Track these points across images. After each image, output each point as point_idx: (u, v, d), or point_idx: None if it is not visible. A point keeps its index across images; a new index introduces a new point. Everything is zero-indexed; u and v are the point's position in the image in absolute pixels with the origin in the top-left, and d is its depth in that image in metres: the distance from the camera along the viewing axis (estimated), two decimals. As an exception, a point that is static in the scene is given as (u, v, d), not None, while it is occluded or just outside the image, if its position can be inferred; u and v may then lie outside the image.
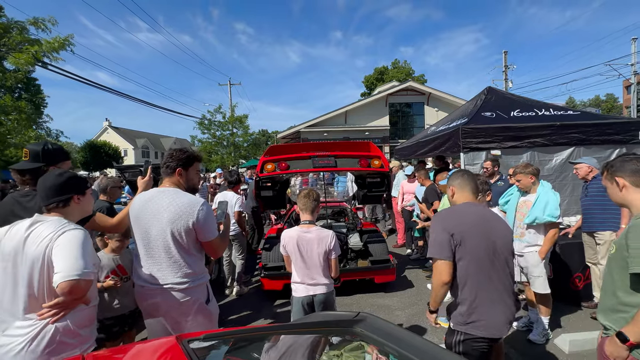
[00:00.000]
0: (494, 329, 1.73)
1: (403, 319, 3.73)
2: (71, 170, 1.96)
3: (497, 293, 1.75)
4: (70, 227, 1.39)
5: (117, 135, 43.66)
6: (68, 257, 1.30)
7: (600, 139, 5.01)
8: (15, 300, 1.36)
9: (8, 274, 1.37)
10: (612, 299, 1.45)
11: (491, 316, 1.72)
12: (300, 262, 2.38)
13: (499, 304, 1.74)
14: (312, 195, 2.46)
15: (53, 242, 1.33)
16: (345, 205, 6.35)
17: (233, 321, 3.84)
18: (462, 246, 1.71)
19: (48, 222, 1.40)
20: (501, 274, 1.77)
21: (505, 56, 21.06)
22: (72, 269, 1.28)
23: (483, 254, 1.72)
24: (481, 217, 1.81)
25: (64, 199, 1.47)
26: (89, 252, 1.38)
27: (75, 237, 1.36)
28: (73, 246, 1.33)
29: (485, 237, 1.75)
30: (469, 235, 1.72)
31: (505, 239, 1.84)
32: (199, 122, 22.32)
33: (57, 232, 1.35)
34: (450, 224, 1.76)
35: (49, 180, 1.48)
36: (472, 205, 1.87)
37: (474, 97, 6.67)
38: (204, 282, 1.93)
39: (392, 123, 20.63)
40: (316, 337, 1.57)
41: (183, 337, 1.31)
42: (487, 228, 1.78)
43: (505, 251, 1.80)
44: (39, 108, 17.16)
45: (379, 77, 41.65)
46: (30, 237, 1.36)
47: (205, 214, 1.83)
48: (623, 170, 1.50)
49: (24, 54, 6.57)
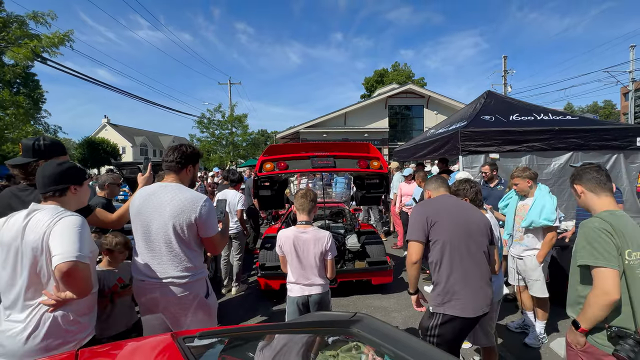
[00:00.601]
0: (469, 309, 1.82)
1: (400, 320, 3.73)
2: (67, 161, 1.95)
3: (472, 274, 1.86)
4: (67, 213, 1.40)
5: (115, 132, 43.52)
6: (66, 241, 1.31)
7: (598, 144, 5.04)
8: (17, 288, 1.38)
9: (8, 264, 1.39)
10: (574, 292, 1.66)
11: (466, 295, 1.83)
12: (296, 262, 2.38)
13: (473, 285, 1.85)
14: (309, 195, 2.45)
15: (50, 229, 1.34)
16: (343, 206, 6.35)
17: (229, 320, 3.82)
18: (435, 227, 1.88)
19: (45, 210, 1.41)
20: (477, 257, 1.90)
21: (504, 61, 21.19)
22: (69, 251, 1.29)
23: (456, 236, 1.87)
24: (455, 205, 2.02)
25: (61, 188, 1.48)
26: (86, 237, 1.40)
27: (72, 222, 1.37)
28: (71, 231, 1.34)
29: (459, 221, 1.91)
30: (442, 217, 1.90)
31: (480, 225, 1.97)
32: (198, 120, 22.28)
33: (54, 219, 1.36)
34: (426, 209, 1.98)
35: (48, 170, 1.49)
36: (448, 196, 2.11)
37: (474, 101, 6.70)
38: (203, 277, 1.95)
39: (392, 125, 20.67)
40: (312, 336, 1.56)
41: (179, 334, 1.30)
42: (461, 214, 1.96)
43: (480, 236, 1.94)
44: (37, 103, 17.09)
45: (379, 79, 41.78)
46: (28, 226, 1.37)
47: (207, 210, 1.85)
48: (580, 179, 1.72)
49: (22, 49, 6.53)
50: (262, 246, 4.71)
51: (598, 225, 1.53)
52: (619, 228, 1.52)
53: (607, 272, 1.45)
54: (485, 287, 1.90)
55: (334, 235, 4.82)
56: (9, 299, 1.40)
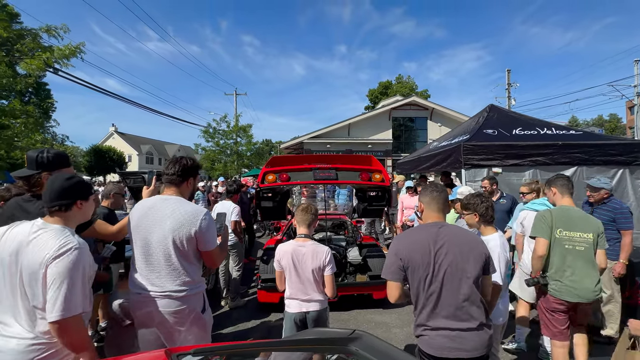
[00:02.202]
0: (437, 349, 1.67)
1: (401, 337, 3.65)
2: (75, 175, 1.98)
3: (443, 316, 1.68)
4: (68, 246, 1.37)
5: (122, 140, 44.17)
6: (59, 294, 1.30)
7: (603, 159, 4.99)
8: (14, 305, 1.37)
9: (5, 277, 1.38)
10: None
11: (433, 336, 1.69)
12: (294, 276, 2.35)
13: (444, 325, 1.68)
14: (310, 209, 2.43)
15: (50, 265, 1.32)
16: (345, 218, 6.32)
17: (227, 334, 3.77)
18: (409, 268, 1.73)
19: (50, 231, 1.40)
20: (453, 297, 1.67)
21: (508, 74, 21.28)
22: (60, 309, 1.29)
23: (428, 274, 1.69)
24: (432, 240, 1.72)
25: (66, 203, 1.48)
26: (80, 283, 1.37)
27: (68, 267, 1.34)
28: (65, 280, 1.32)
29: (432, 259, 1.69)
30: (414, 257, 1.71)
31: (461, 262, 1.69)
32: (204, 130, 22.54)
33: (55, 254, 1.34)
34: (400, 249, 1.77)
35: (57, 183, 1.49)
36: (427, 227, 1.81)
37: (476, 114, 6.72)
38: (201, 291, 1.94)
39: (395, 137, 20.75)
40: (309, 355, 1.54)
41: (172, 350, 1.29)
42: (437, 250, 1.70)
43: (459, 274, 1.68)
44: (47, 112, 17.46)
45: (384, 91, 42.15)
46: (31, 245, 1.36)
47: (207, 223, 1.86)
48: (555, 184, 2.74)
49: (35, 60, 6.73)
50: (262, 258, 4.69)
51: (542, 214, 2.62)
52: (558, 216, 2.54)
53: (539, 239, 2.55)
54: (457, 329, 1.69)
55: (335, 248, 4.79)
56: (7, 314, 1.38)
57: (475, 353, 1.65)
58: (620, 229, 3.21)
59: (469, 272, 1.68)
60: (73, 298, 1.33)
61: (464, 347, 1.64)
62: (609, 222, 3.24)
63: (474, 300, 1.68)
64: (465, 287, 1.67)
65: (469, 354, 1.64)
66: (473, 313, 1.67)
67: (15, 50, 7.31)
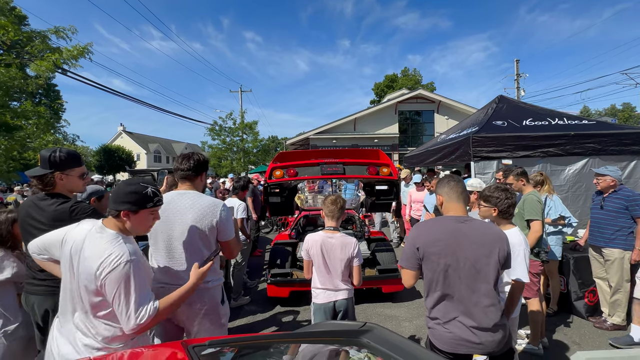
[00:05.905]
0: (445, 344, 1.65)
1: (411, 330, 3.66)
2: (85, 174, 2.01)
3: (455, 309, 1.65)
4: (120, 259, 1.34)
5: (130, 140, 44.72)
6: (125, 305, 1.33)
7: (617, 149, 4.87)
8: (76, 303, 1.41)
9: (66, 272, 1.42)
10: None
11: (443, 330, 1.66)
12: (323, 267, 2.38)
13: (455, 320, 1.65)
14: (339, 202, 2.46)
15: (105, 276, 1.32)
16: (353, 213, 6.32)
17: (238, 327, 3.83)
18: (425, 259, 1.70)
19: (105, 237, 1.40)
20: (468, 293, 1.62)
21: (517, 65, 20.84)
22: (132, 318, 1.33)
23: (444, 269, 1.64)
24: (451, 234, 1.67)
25: (134, 209, 1.45)
26: (139, 285, 1.36)
27: (122, 279, 1.33)
28: (124, 290, 1.33)
29: (449, 254, 1.64)
30: (431, 250, 1.67)
31: (479, 259, 1.62)
32: (210, 128, 22.67)
33: (108, 266, 1.33)
34: (418, 238, 1.73)
35: (121, 187, 1.48)
36: (448, 220, 1.74)
37: (485, 106, 6.61)
38: (219, 284, 1.98)
39: (402, 131, 20.57)
40: (324, 347, 1.55)
41: (189, 342, 1.32)
42: (455, 244, 1.65)
43: (476, 271, 1.62)
44: (57, 113, 17.77)
45: (390, 84, 41.73)
46: (87, 247, 1.37)
47: (227, 214, 1.92)
48: (525, 175, 3.27)
49: (45, 61, 6.82)
50: (271, 253, 4.72)
51: (535, 198, 3.04)
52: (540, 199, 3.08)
53: (536, 222, 2.95)
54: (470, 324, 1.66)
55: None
56: (67, 310, 1.43)
57: (485, 349, 1.62)
58: (635, 216, 3.21)
59: (487, 270, 1.62)
60: (139, 307, 1.35)
61: (476, 344, 1.62)
62: (621, 210, 3.23)
63: (490, 298, 1.63)
64: (481, 285, 1.62)
65: (480, 351, 1.62)
66: (488, 312, 1.62)
67: (25, 53, 7.43)
